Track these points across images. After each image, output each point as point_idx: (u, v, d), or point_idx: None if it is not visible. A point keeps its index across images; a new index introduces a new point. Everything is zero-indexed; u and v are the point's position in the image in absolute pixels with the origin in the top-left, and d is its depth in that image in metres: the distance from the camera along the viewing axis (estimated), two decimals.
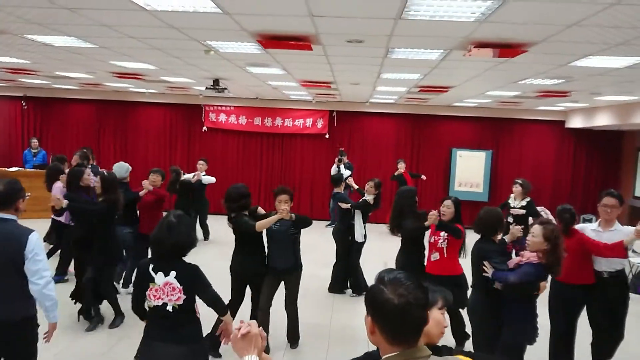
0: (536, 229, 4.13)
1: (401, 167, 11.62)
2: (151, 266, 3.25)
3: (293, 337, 5.49)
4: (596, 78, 6.88)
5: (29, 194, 3.69)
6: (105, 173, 6.21)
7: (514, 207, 7.87)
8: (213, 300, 3.40)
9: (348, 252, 7.26)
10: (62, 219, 6.82)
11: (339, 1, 3.85)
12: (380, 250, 8.62)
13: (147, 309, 3.34)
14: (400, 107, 13.10)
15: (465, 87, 8.62)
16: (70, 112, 13.90)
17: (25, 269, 3.31)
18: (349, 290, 7.40)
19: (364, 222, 7.23)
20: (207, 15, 4.41)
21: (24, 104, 13.79)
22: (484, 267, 4.21)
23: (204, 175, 9.59)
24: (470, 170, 13.20)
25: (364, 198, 7.24)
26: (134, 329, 5.64)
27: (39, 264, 3.32)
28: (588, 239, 4.78)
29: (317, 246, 8.85)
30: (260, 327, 1.87)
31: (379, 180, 7.30)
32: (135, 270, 3.46)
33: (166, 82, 10.19)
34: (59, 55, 7.10)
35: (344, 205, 7.20)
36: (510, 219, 7.74)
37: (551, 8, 3.73)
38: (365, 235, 7.24)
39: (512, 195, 8.10)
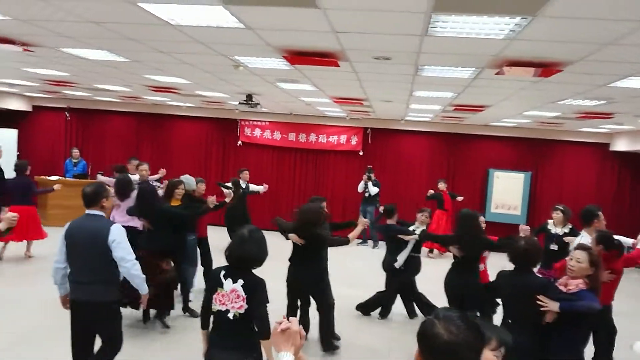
0: (581, 255, 3.96)
1: (442, 186, 11.72)
2: (223, 272, 3.35)
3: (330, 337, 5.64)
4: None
5: (114, 195, 4.36)
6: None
7: (558, 234, 7.46)
8: (261, 318, 3.29)
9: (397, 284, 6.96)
10: (136, 225, 6.71)
11: (361, 17, 3.77)
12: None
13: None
14: (436, 126, 12.89)
15: (501, 106, 8.37)
16: (110, 124, 14.28)
17: (114, 256, 3.92)
18: (376, 313, 7.18)
19: (418, 252, 6.89)
20: (231, 31, 4.40)
21: (67, 115, 14.24)
22: (539, 302, 3.92)
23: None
24: (507, 191, 12.80)
25: (422, 229, 6.84)
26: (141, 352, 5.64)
27: (122, 251, 3.92)
28: (629, 254, 5.25)
29: (343, 265, 8.58)
30: (301, 326, 1.91)
31: (430, 210, 7.21)
32: (208, 276, 3.64)
33: (201, 96, 10.32)
34: (94, 68, 7.26)
35: (407, 238, 6.68)
36: (554, 247, 7.38)
37: (582, 26, 3.55)
38: (419, 267, 6.96)
39: (550, 221, 7.72)
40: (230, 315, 3.25)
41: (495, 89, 6.62)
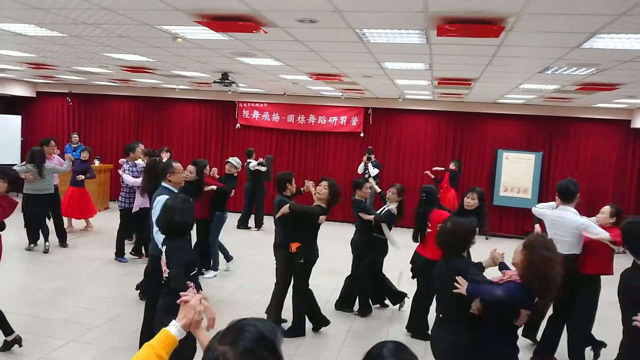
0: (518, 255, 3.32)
1: (452, 166, 11.60)
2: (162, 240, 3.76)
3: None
4: (631, 64, 5.77)
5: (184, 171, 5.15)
6: None
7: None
8: (172, 277, 3.48)
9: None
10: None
11: None
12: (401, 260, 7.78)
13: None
14: (438, 104, 12.15)
15: (488, 79, 7.65)
16: (111, 108, 14.16)
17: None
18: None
19: (384, 234, 6.33)
20: None
21: (69, 100, 14.22)
22: (457, 284, 3.38)
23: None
24: (517, 173, 11.98)
25: (387, 208, 6.29)
26: None
27: (154, 217, 4.42)
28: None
29: (335, 254, 7.42)
30: (206, 305, 1.90)
31: (401, 186, 6.48)
32: None
33: (181, 76, 9.97)
34: (48, 46, 6.99)
35: (365, 217, 6.26)
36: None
37: None
38: (385, 250, 6.45)
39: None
40: (165, 276, 3.59)
41: (464, 57, 5.97)
